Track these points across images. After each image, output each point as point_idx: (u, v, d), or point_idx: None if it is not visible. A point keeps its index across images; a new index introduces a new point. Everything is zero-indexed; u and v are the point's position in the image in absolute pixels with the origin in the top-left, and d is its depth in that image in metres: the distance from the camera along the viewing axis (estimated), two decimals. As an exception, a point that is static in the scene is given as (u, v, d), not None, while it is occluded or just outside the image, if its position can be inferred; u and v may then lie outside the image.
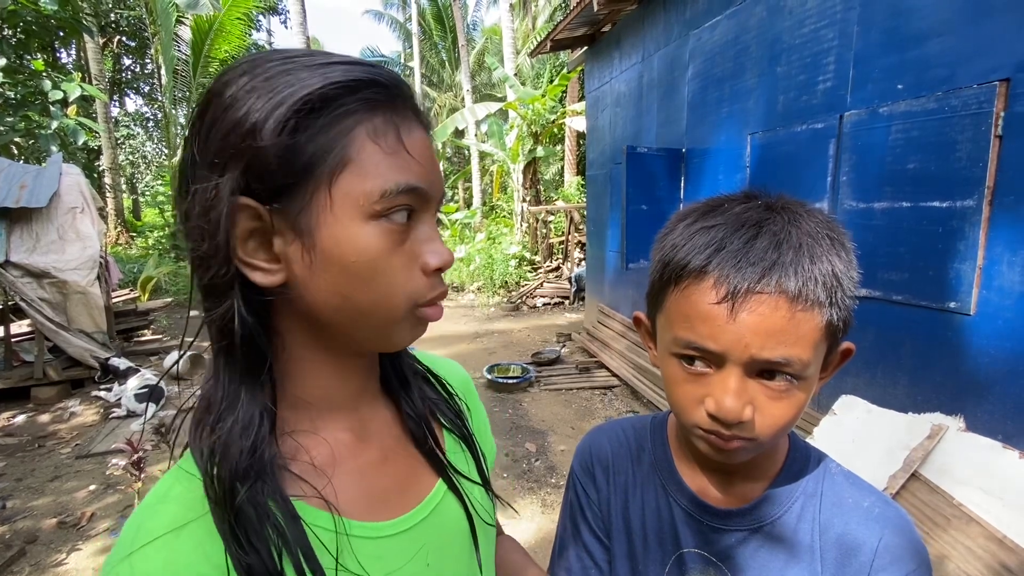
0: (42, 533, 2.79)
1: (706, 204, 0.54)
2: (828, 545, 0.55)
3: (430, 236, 0.44)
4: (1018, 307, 1.96)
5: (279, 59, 0.40)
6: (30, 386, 4.68)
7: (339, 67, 0.40)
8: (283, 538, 0.40)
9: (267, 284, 0.41)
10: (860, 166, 2.57)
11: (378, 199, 0.40)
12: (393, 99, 0.42)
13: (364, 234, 0.40)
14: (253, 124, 0.37)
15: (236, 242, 0.40)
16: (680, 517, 0.61)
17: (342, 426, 0.49)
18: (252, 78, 0.39)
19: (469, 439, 0.60)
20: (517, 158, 11.46)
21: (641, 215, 4.22)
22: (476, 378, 5.18)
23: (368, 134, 0.40)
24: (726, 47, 3.61)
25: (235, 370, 0.42)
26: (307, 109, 0.38)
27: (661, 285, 0.54)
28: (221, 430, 0.41)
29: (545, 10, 16.60)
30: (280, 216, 0.40)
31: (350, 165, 0.39)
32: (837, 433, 2.34)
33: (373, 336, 0.45)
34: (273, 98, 0.38)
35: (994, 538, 1.72)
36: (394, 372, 0.56)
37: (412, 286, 0.43)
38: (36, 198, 4.67)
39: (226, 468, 0.39)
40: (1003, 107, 1.96)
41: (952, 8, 2.14)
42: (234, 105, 0.38)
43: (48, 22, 6.28)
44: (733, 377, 0.48)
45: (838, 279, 0.48)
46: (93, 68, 13.12)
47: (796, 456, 0.60)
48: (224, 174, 0.38)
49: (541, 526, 2.81)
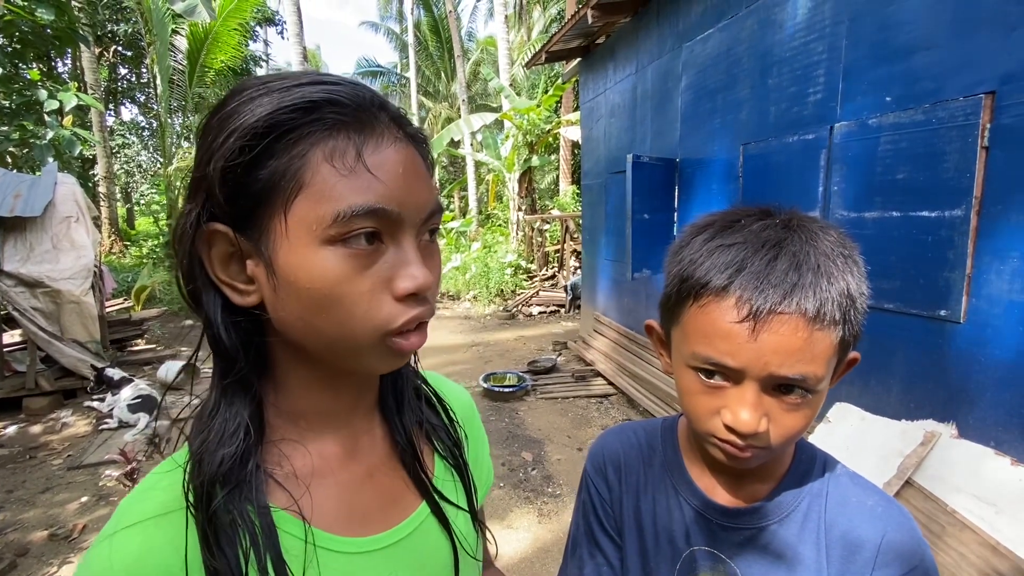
0: (33, 545, 2.75)
1: (723, 218, 0.55)
2: (833, 543, 0.57)
3: (404, 259, 0.42)
4: (1007, 315, 1.99)
5: (254, 85, 0.41)
6: (22, 396, 4.63)
7: (300, 89, 0.40)
8: (255, 545, 0.40)
9: (242, 304, 0.42)
10: (851, 176, 2.61)
11: (331, 223, 0.38)
12: (357, 116, 0.41)
13: (319, 260, 0.39)
14: (211, 154, 0.39)
15: (214, 263, 0.42)
16: (690, 516, 0.63)
17: (331, 439, 0.49)
18: (224, 107, 0.40)
19: (462, 469, 0.59)
20: (512, 167, 11.52)
21: (642, 225, 4.25)
22: (472, 387, 5.17)
23: (324, 156, 0.39)
24: (718, 59, 3.67)
25: (225, 379, 0.43)
26: (259, 136, 0.38)
27: (679, 299, 0.55)
28: (207, 435, 0.42)
29: (540, 22, 16.78)
30: (248, 241, 0.41)
31: (304, 189, 0.39)
32: (832, 440, 2.36)
33: (344, 362, 0.44)
34: (229, 127, 0.39)
35: (987, 544, 1.73)
36: (392, 391, 0.56)
37: (378, 314, 0.41)
38: (31, 207, 4.65)
39: (207, 472, 0.40)
40: (989, 119, 2.00)
41: (938, 22, 2.19)
42: (207, 135, 0.41)
43: (44, 32, 6.29)
44: (750, 392, 0.50)
45: (852, 298, 0.50)
46: (89, 77, 13.12)
47: (803, 458, 0.62)
48: (195, 200, 0.41)
49: (538, 535, 2.80)
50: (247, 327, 0.43)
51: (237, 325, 0.43)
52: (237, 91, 0.41)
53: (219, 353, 0.43)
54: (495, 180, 13.22)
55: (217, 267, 0.42)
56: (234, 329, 0.43)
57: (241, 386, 0.43)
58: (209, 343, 0.44)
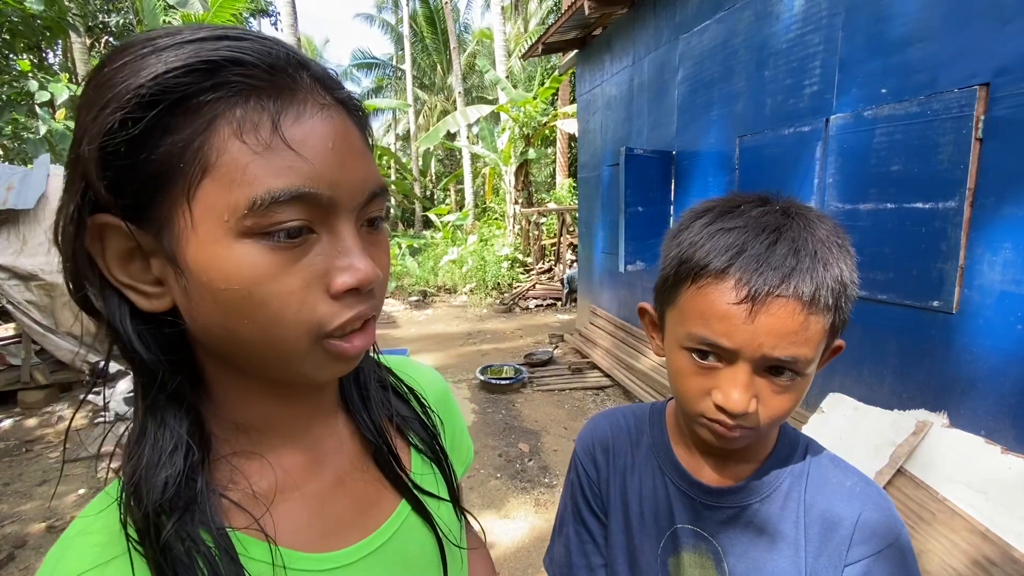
0: (31, 538, 2.76)
1: (723, 204, 0.57)
2: (812, 521, 0.58)
3: (341, 249, 0.36)
4: (999, 305, 2.01)
5: (139, 42, 0.33)
6: (16, 390, 4.62)
7: (195, 46, 0.32)
8: (216, 573, 0.35)
9: (151, 309, 0.36)
10: (846, 168, 2.62)
11: (247, 212, 0.32)
12: (271, 80, 0.33)
13: (235, 256, 0.32)
14: (84, 131, 0.32)
15: (109, 263, 0.35)
16: (675, 495, 0.65)
17: (290, 449, 0.44)
18: (100, 72, 0.32)
19: (440, 459, 0.56)
20: (509, 160, 11.49)
21: (637, 217, 4.25)
22: (469, 379, 5.19)
23: (232, 129, 0.32)
24: (715, 51, 3.66)
25: (149, 395, 0.37)
26: (145, 107, 0.30)
27: (676, 281, 0.56)
28: (139, 460, 0.36)
29: (537, 13, 16.67)
30: (148, 235, 0.34)
31: (210, 171, 0.31)
32: (825, 430, 2.38)
33: (276, 372, 0.38)
34: (106, 96, 0.31)
35: (977, 531, 1.76)
36: (355, 386, 0.51)
37: (309, 314, 0.35)
38: (23, 200, 4.62)
39: (149, 500, 0.35)
40: (983, 110, 2.01)
41: (933, 14, 2.20)
42: (83, 107, 0.33)
43: (34, 22, 6.21)
44: (742, 373, 0.51)
45: (844, 285, 0.52)
46: (80, 69, 12.94)
47: (785, 440, 0.63)
48: (73, 189, 0.33)
49: (535, 526, 2.83)
50: (166, 334, 0.37)
51: (153, 333, 0.36)
52: (118, 51, 0.33)
53: (136, 367, 0.37)
54: (492, 173, 13.18)
55: (114, 267, 0.35)
56: (151, 338, 0.36)
57: (170, 401, 0.37)
58: (123, 355, 0.37)
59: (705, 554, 0.62)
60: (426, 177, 23.22)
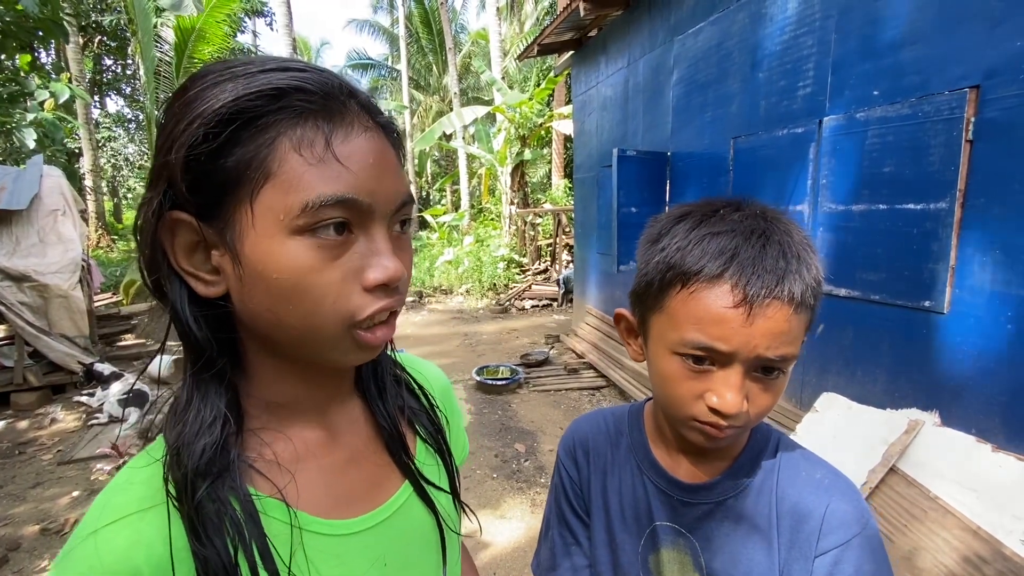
0: (25, 540, 2.74)
1: (701, 208, 0.57)
2: (784, 514, 0.60)
3: (375, 249, 0.42)
4: (989, 306, 2.03)
5: (218, 70, 0.40)
6: (9, 392, 4.59)
7: (266, 75, 0.39)
8: (240, 533, 0.40)
9: (207, 295, 0.42)
10: (839, 169, 2.65)
11: (299, 213, 0.38)
12: (325, 104, 0.40)
13: (287, 250, 0.39)
14: (173, 141, 0.38)
15: (177, 253, 0.41)
16: (653, 493, 0.66)
17: (311, 426, 0.50)
18: (186, 93, 0.39)
19: (444, 453, 0.60)
20: (504, 161, 11.50)
21: (631, 218, 4.27)
22: (465, 379, 5.19)
23: (292, 144, 0.38)
24: (709, 53, 3.68)
25: (197, 372, 0.43)
26: (223, 123, 0.37)
27: (662, 287, 0.56)
28: (183, 427, 0.42)
29: (532, 14, 16.69)
30: (213, 230, 0.40)
31: (271, 179, 0.38)
32: (819, 430, 2.40)
33: (311, 355, 0.44)
34: (192, 113, 0.38)
35: (969, 529, 1.78)
36: (372, 377, 0.56)
37: (345, 304, 0.41)
38: (16, 200, 4.60)
39: (188, 464, 0.40)
40: (973, 113, 2.03)
41: (925, 17, 2.22)
42: (169, 121, 0.39)
43: (27, 22, 6.16)
44: (736, 375, 0.52)
45: (820, 284, 0.54)
46: (73, 68, 12.89)
47: (758, 436, 0.65)
48: (156, 188, 0.40)
49: (531, 525, 2.83)
50: (217, 318, 0.43)
51: (206, 316, 0.42)
52: (200, 76, 0.40)
53: (189, 345, 0.43)
54: (487, 174, 13.19)
55: (180, 257, 0.41)
56: (203, 320, 0.42)
57: (214, 377, 0.43)
58: (178, 335, 0.43)
59: (683, 550, 0.63)
60: (422, 178, 23.19)
